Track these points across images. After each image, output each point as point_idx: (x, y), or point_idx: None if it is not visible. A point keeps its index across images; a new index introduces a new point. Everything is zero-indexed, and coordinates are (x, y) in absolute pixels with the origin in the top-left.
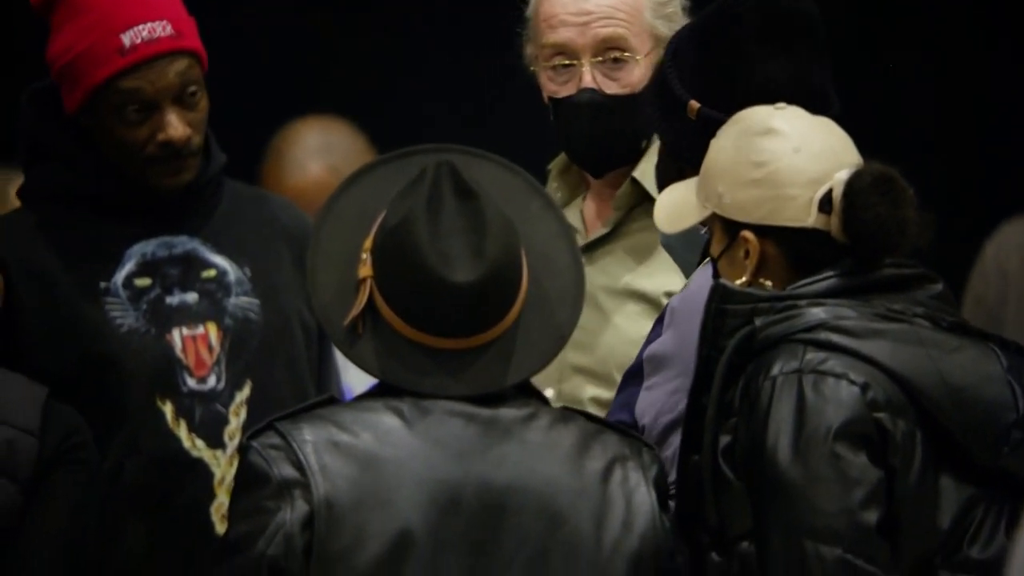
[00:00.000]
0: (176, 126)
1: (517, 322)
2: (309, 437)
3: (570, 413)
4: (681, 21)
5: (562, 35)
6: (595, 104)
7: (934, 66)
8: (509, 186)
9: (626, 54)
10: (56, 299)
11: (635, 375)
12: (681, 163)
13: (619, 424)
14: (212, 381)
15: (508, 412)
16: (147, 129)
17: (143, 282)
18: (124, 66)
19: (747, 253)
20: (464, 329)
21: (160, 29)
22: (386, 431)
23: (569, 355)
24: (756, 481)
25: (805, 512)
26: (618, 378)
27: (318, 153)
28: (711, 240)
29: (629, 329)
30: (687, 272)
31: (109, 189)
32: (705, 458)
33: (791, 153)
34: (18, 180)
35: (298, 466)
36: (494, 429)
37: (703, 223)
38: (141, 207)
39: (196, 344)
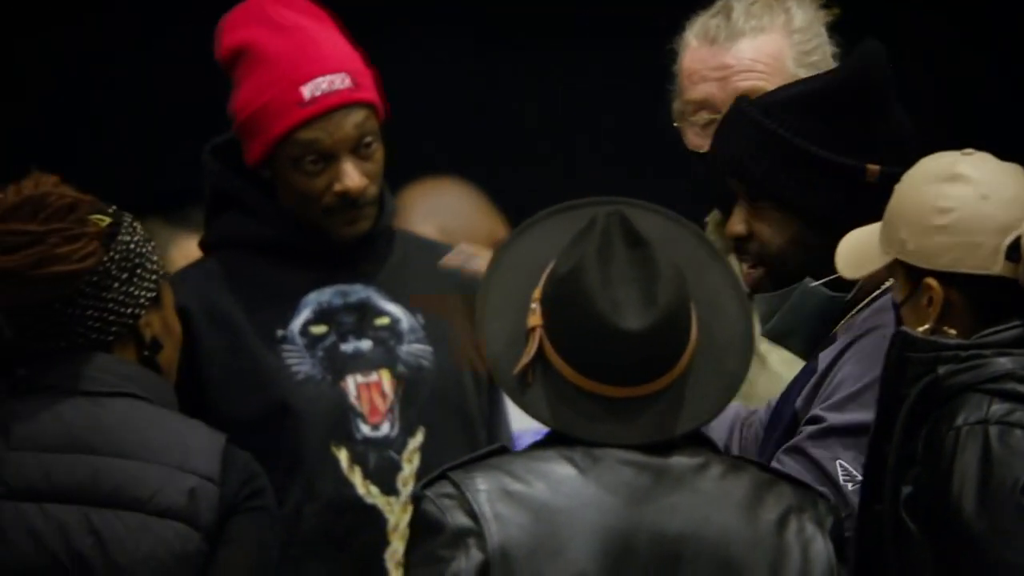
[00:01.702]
0: (353, 176)
1: (688, 370)
2: (482, 486)
3: (742, 462)
4: (824, 56)
5: (703, 90)
6: None
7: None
8: (676, 237)
9: None
10: (237, 346)
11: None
12: (846, 229)
13: (792, 475)
14: (386, 428)
15: (680, 460)
16: (325, 179)
17: (319, 329)
18: (303, 118)
19: (930, 300)
20: (635, 377)
21: (339, 82)
22: (559, 480)
23: None
24: (939, 533)
25: (992, 566)
26: None
27: (430, 215)
28: (894, 287)
29: (786, 375)
30: (805, 351)
31: (288, 238)
32: (886, 508)
33: (978, 200)
34: (181, 238)
35: (472, 515)
36: (666, 477)
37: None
38: (318, 255)
39: (370, 391)
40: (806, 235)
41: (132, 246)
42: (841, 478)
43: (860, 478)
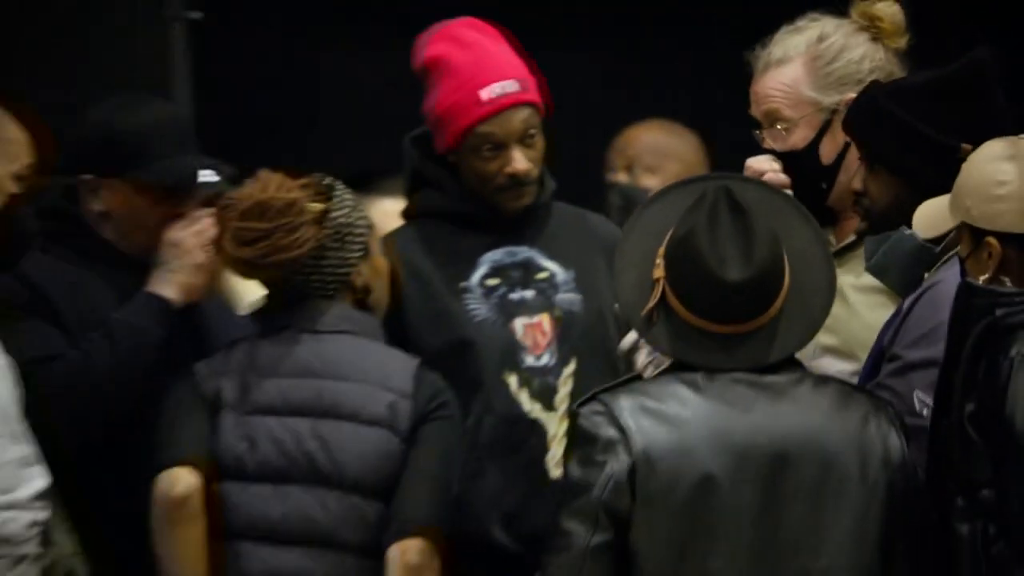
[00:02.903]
0: (520, 161)
1: (781, 311)
2: (625, 404)
3: (827, 378)
4: (854, 72)
5: (753, 111)
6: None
7: None
8: (774, 204)
9: (779, 124)
10: (430, 294)
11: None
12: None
13: (864, 387)
14: (545, 359)
15: (779, 378)
16: (497, 164)
17: (493, 282)
18: (482, 116)
19: (990, 255)
20: (737, 317)
21: (509, 87)
22: (684, 398)
23: (821, 338)
24: (997, 442)
25: None
26: (861, 357)
27: (663, 156)
28: (960, 245)
29: (868, 317)
30: (901, 288)
31: (469, 210)
32: (954, 423)
33: None
34: (375, 204)
35: (619, 427)
36: (770, 391)
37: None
38: (492, 224)
39: (533, 330)
40: (906, 198)
41: (342, 219)
42: (917, 406)
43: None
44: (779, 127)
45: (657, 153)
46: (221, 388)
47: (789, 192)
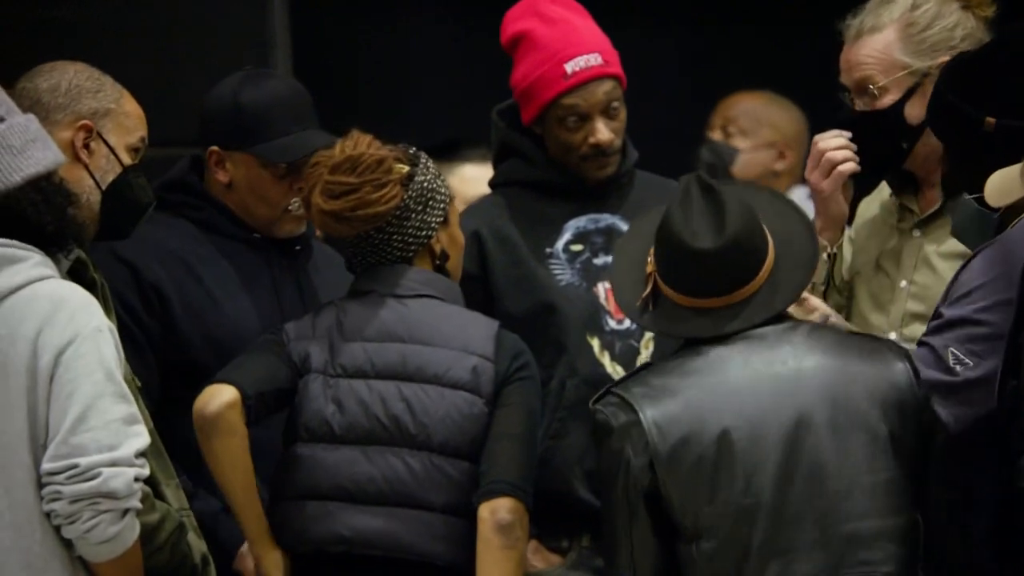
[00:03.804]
0: (603, 132)
1: (763, 286)
2: (636, 390)
3: (823, 326)
4: (948, 38)
5: (844, 78)
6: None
7: None
8: (756, 195)
9: (871, 87)
10: (517, 259)
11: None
12: (975, 168)
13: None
14: (627, 322)
15: (774, 328)
16: (582, 134)
17: (577, 248)
18: (566, 88)
19: None
20: (718, 288)
21: (593, 60)
22: (688, 368)
23: (909, 305)
24: None
25: None
26: None
27: (762, 123)
28: None
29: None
30: (973, 248)
31: (554, 178)
32: (1022, 383)
33: None
34: (455, 170)
35: (632, 410)
36: (768, 338)
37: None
38: (576, 191)
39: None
40: (948, 162)
41: (426, 184)
42: (951, 361)
43: (968, 361)
44: (871, 89)
45: (752, 118)
46: (309, 353)
47: (855, 165)
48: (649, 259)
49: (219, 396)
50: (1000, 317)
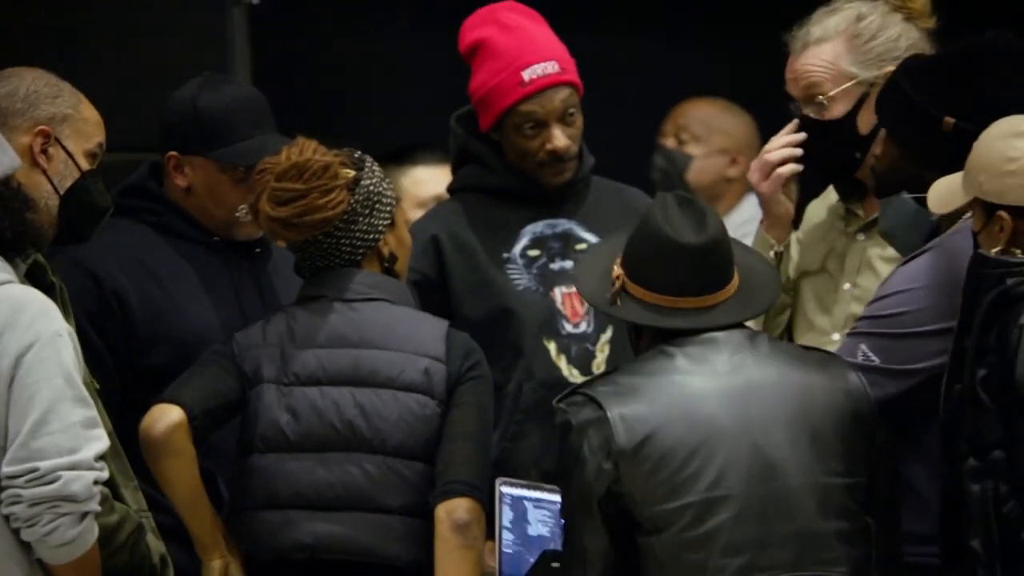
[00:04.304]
0: (560, 139)
1: (731, 298)
2: (602, 388)
3: (778, 339)
4: (892, 48)
5: (790, 87)
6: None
7: None
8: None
9: (819, 97)
10: (474, 265)
11: None
12: (926, 166)
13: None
14: (583, 326)
15: (738, 335)
16: (539, 141)
17: (534, 253)
18: (523, 95)
19: (1001, 228)
20: (701, 286)
21: (550, 67)
22: (652, 368)
23: (852, 307)
24: (1007, 404)
25: None
26: None
27: (713, 130)
28: (973, 218)
29: None
30: (904, 252)
31: (511, 184)
32: (966, 387)
33: None
34: (407, 172)
35: (596, 406)
36: (731, 345)
37: (968, 206)
38: (533, 197)
39: (572, 299)
40: (902, 165)
41: (372, 187)
42: (860, 359)
43: (875, 361)
44: (819, 99)
45: (705, 124)
46: (260, 362)
47: (794, 166)
48: (615, 265)
49: (165, 417)
50: (929, 318)
